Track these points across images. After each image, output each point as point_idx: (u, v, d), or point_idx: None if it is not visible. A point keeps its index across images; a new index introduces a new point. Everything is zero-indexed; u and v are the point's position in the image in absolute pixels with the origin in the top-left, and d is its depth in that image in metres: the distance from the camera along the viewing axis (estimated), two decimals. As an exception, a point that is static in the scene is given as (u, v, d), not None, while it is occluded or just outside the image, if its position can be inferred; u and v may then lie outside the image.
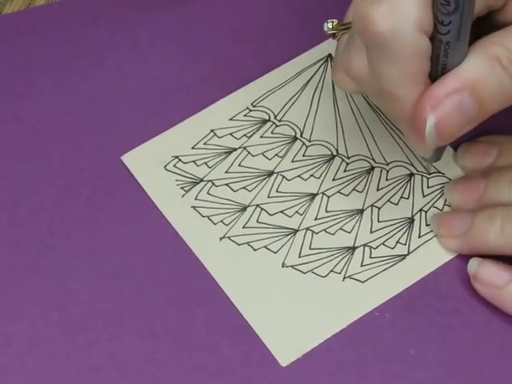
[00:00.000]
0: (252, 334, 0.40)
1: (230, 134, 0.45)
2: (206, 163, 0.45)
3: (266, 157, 0.45)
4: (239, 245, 0.42)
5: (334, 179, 0.44)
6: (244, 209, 0.43)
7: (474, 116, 0.35)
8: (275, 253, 0.42)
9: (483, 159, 0.43)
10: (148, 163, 0.45)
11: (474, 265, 0.40)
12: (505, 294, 0.39)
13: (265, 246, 0.42)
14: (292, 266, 0.42)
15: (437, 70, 0.35)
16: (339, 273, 0.41)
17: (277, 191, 0.44)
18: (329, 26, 0.38)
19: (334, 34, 0.38)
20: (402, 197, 0.43)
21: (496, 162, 0.42)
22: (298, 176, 0.44)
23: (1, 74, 0.48)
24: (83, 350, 0.40)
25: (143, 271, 0.42)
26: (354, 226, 0.43)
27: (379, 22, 0.34)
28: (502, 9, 0.36)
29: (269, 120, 0.46)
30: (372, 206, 0.43)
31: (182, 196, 0.44)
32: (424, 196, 0.43)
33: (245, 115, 0.46)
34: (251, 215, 0.43)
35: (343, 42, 0.38)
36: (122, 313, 0.41)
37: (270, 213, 0.43)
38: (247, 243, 0.42)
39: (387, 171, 0.44)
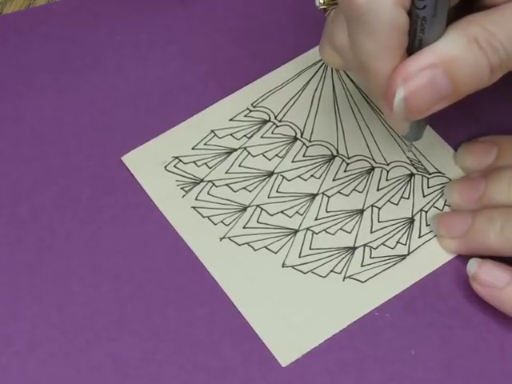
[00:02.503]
0: (252, 334, 0.40)
1: (231, 134, 0.46)
2: (206, 164, 0.45)
3: (266, 157, 0.45)
4: (239, 245, 0.42)
5: (334, 179, 0.44)
6: (244, 209, 0.43)
7: (447, 94, 0.35)
8: (275, 253, 0.42)
9: (483, 159, 0.43)
10: (148, 164, 0.45)
11: (473, 265, 0.40)
12: (504, 296, 0.39)
13: (265, 246, 0.42)
14: (292, 266, 0.42)
15: (414, 46, 0.35)
16: (339, 273, 0.41)
17: (277, 191, 0.44)
18: (320, 1, 0.39)
19: (325, 9, 0.39)
20: (402, 197, 0.43)
21: (496, 162, 0.42)
22: (299, 176, 0.44)
23: (1, 74, 0.48)
24: (83, 350, 0.40)
25: (143, 271, 0.42)
26: (354, 226, 0.43)
27: None
28: None
29: (269, 120, 0.46)
30: (372, 206, 0.43)
31: (183, 196, 0.44)
32: (424, 196, 0.43)
33: (245, 116, 0.46)
34: (251, 215, 0.43)
35: (332, 17, 0.38)
36: (121, 313, 0.41)
37: (270, 213, 0.43)
38: (247, 243, 0.42)
39: (387, 171, 0.44)
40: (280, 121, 0.46)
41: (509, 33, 0.35)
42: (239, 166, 0.45)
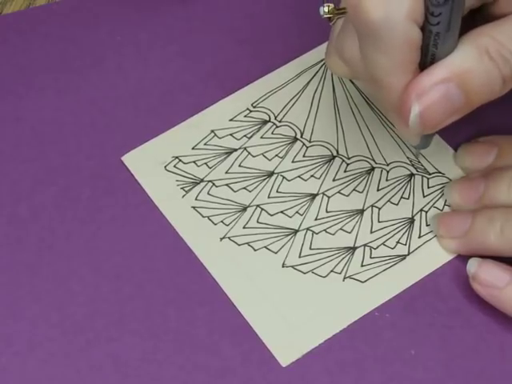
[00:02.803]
0: (252, 333, 0.40)
1: (231, 134, 0.46)
2: (206, 164, 0.45)
3: (266, 157, 0.45)
4: (239, 245, 0.42)
5: (334, 179, 0.44)
6: (244, 209, 0.43)
7: (460, 107, 0.36)
8: (275, 253, 0.42)
9: (483, 159, 0.43)
10: (148, 163, 0.45)
11: (473, 265, 0.40)
12: (504, 296, 0.39)
13: (265, 247, 0.42)
14: (292, 266, 0.42)
15: (426, 60, 0.35)
16: (339, 273, 0.41)
17: (277, 191, 0.44)
18: (325, 9, 0.39)
19: (330, 18, 0.39)
20: (402, 197, 0.43)
21: (496, 163, 0.42)
22: (299, 176, 0.44)
23: (1, 74, 0.48)
24: (83, 350, 0.40)
25: (143, 271, 0.42)
26: (355, 226, 0.43)
27: (371, 11, 0.34)
28: (495, 2, 0.36)
29: (269, 121, 0.46)
30: (372, 206, 0.43)
31: (183, 196, 0.44)
32: (424, 196, 0.43)
33: (245, 116, 0.46)
34: (251, 215, 0.43)
35: (338, 26, 0.38)
36: (121, 313, 0.41)
37: (270, 213, 0.43)
38: (247, 243, 0.42)
39: (387, 171, 0.44)
40: (280, 121, 0.46)
41: None
42: (239, 166, 0.45)
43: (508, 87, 0.36)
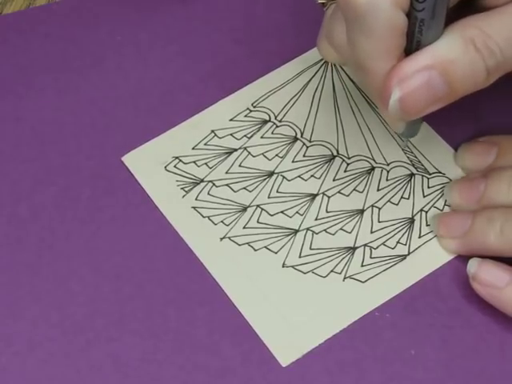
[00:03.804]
0: (252, 333, 0.40)
1: (231, 134, 0.46)
2: (206, 164, 0.45)
3: (266, 157, 0.45)
4: (240, 245, 0.42)
5: (334, 179, 0.44)
6: (244, 209, 0.43)
7: (443, 96, 0.36)
8: (276, 253, 0.42)
9: (483, 159, 0.43)
10: (148, 164, 0.45)
11: (473, 265, 0.40)
12: (504, 296, 0.39)
13: (265, 247, 0.42)
14: (292, 267, 0.42)
15: (411, 47, 0.36)
16: (339, 273, 0.41)
17: (277, 191, 0.44)
18: None
19: (324, 4, 0.39)
20: (402, 197, 0.43)
21: (496, 162, 0.42)
22: (299, 176, 0.44)
23: (1, 74, 0.48)
24: (83, 350, 0.40)
25: (143, 271, 0.42)
26: (355, 226, 0.43)
27: None
28: None
29: (269, 120, 0.46)
30: (372, 206, 0.43)
31: (183, 196, 0.44)
32: (424, 196, 0.43)
33: (245, 116, 0.46)
34: (252, 215, 0.43)
35: (330, 13, 0.38)
36: (122, 313, 0.41)
37: (270, 213, 0.43)
38: (248, 243, 0.42)
39: (388, 171, 0.44)
40: (280, 121, 0.46)
41: (505, 35, 0.35)
42: (239, 166, 0.45)
43: (492, 79, 0.36)
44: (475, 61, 0.35)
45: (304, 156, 0.45)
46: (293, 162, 0.44)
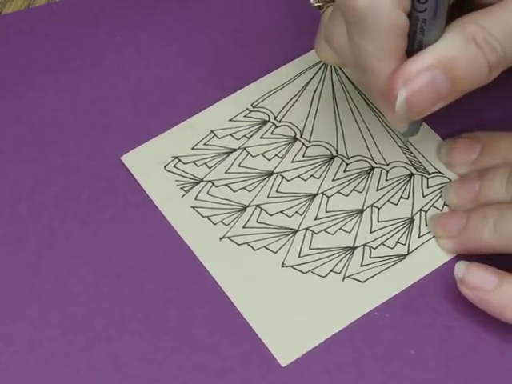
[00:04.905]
0: (252, 334, 0.40)
1: (230, 134, 0.46)
2: (205, 164, 0.45)
3: (265, 157, 0.45)
4: (239, 245, 0.42)
5: (333, 179, 0.44)
6: (244, 209, 0.43)
7: (446, 93, 0.36)
8: (275, 253, 0.42)
9: (466, 156, 0.43)
10: (148, 163, 0.45)
11: (460, 269, 0.39)
12: (492, 299, 0.38)
13: (265, 246, 0.42)
14: (292, 266, 0.42)
15: (413, 47, 0.36)
16: (339, 273, 0.41)
17: (277, 191, 0.44)
18: None
19: (320, 6, 0.39)
20: (401, 197, 0.43)
21: (479, 159, 0.42)
22: (298, 176, 0.44)
23: (1, 74, 0.48)
24: (83, 350, 0.40)
25: (143, 271, 0.42)
26: (354, 226, 0.43)
27: None
28: None
29: (269, 121, 0.46)
30: (372, 206, 0.43)
31: (182, 196, 0.44)
32: (424, 196, 0.43)
33: (245, 116, 0.46)
34: (251, 215, 0.43)
35: (327, 15, 0.39)
36: (122, 313, 0.41)
37: (269, 213, 0.43)
38: (247, 243, 0.42)
39: (387, 171, 0.44)
40: (280, 121, 0.46)
41: (506, 31, 0.35)
42: (239, 166, 0.45)
43: (494, 75, 0.36)
44: (477, 57, 0.35)
45: (303, 156, 0.45)
46: (292, 162, 0.45)
